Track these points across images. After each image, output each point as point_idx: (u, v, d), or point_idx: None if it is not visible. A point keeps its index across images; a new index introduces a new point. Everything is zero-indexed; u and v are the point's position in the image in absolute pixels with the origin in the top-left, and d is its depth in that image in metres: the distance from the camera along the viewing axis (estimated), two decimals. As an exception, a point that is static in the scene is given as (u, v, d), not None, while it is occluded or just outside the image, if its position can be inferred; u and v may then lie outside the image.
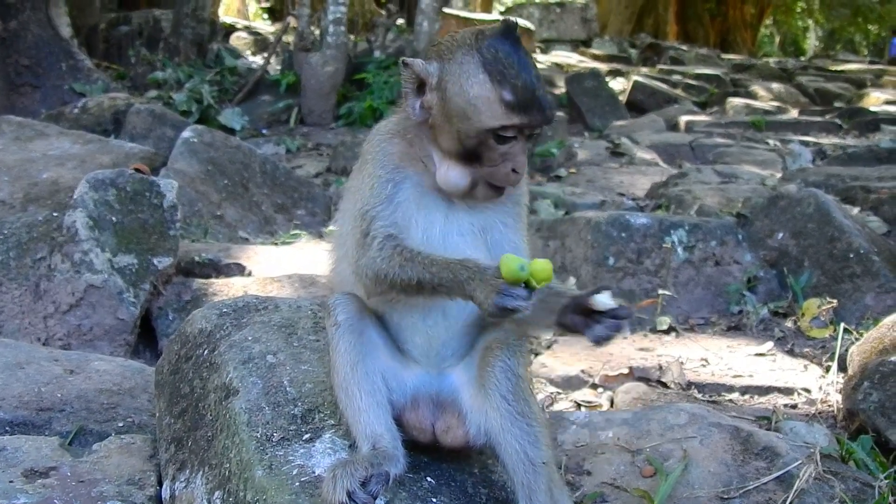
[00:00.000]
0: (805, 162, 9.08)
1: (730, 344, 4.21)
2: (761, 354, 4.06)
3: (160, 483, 2.32)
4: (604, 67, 18.07)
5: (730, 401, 3.56)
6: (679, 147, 10.30)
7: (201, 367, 2.36)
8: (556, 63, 19.07)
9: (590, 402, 3.49)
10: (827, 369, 3.78)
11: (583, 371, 3.75)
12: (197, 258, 4.63)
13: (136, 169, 4.49)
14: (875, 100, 15.53)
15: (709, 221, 5.02)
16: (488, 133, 1.81)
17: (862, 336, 3.67)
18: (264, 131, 10.88)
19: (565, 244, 4.98)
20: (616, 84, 15.82)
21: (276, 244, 5.57)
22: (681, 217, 5.21)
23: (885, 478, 2.55)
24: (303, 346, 2.35)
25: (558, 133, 9.89)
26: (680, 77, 17.17)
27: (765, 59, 27.39)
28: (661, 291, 4.54)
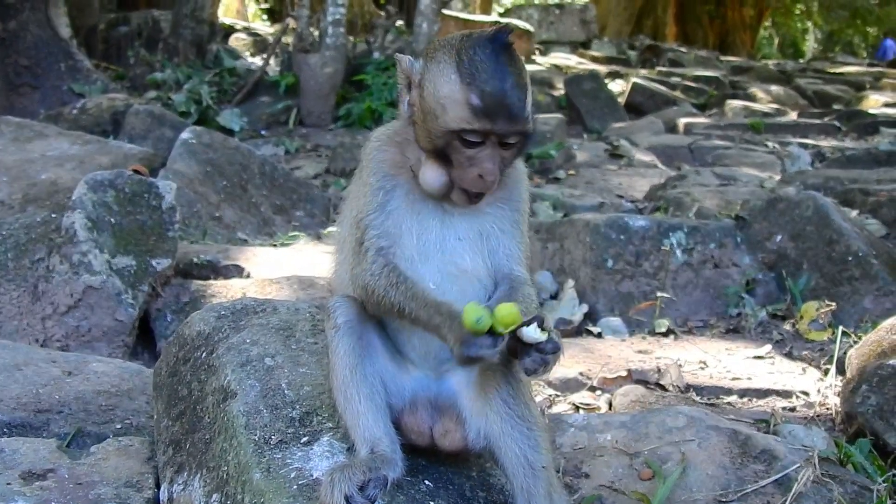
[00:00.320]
0: (804, 164, 9.09)
1: (728, 346, 4.22)
2: (760, 357, 4.06)
3: (158, 485, 2.32)
4: (603, 69, 18.09)
5: (728, 403, 3.56)
6: (678, 149, 10.31)
7: (199, 370, 2.36)
8: (555, 65, 19.07)
9: (588, 405, 3.48)
10: (825, 372, 3.78)
11: (581, 373, 3.75)
12: (195, 259, 4.62)
13: (135, 170, 4.49)
14: (874, 102, 15.56)
15: (707, 224, 5.02)
16: (454, 135, 1.80)
17: (860, 339, 3.67)
18: (263, 132, 10.87)
19: (564, 246, 4.98)
20: (615, 86, 15.83)
21: (275, 246, 5.57)
22: (679, 219, 5.21)
23: (884, 481, 2.55)
24: (301, 349, 2.35)
25: (557, 135, 9.89)
26: (679, 79, 17.18)
27: (764, 62, 27.42)
28: (660, 294, 4.54)
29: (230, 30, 17.56)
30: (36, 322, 3.77)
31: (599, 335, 4.40)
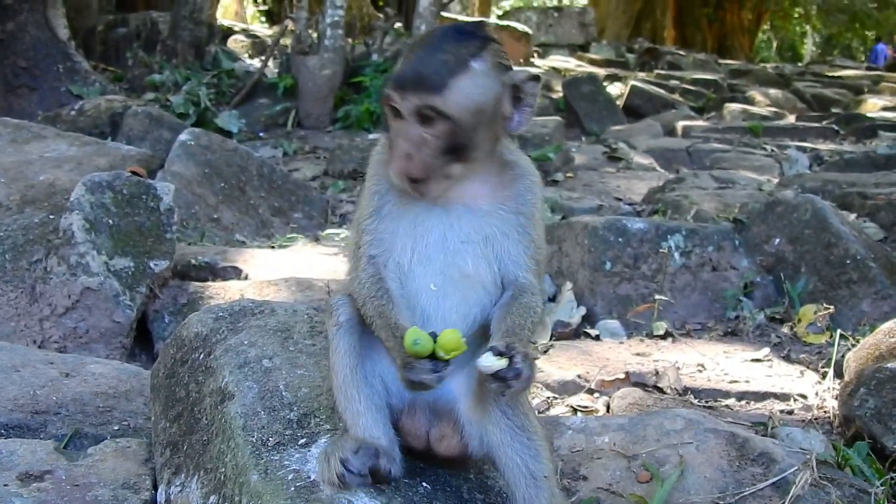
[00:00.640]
0: (802, 168, 9.10)
1: (726, 349, 4.22)
2: (758, 360, 4.06)
3: (155, 487, 2.32)
4: (601, 72, 18.12)
5: (726, 406, 3.56)
6: (676, 152, 10.32)
7: (197, 371, 2.35)
8: (554, 67, 19.11)
9: (586, 407, 3.48)
10: (823, 375, 3.78)
11: (579, 376, 3.74)
12: (193, 261, 4.62)
13: (133, 171, 4.49)
14: (872, 106, 15.60)
15: (706, 227, 5.03)
16: (387, 108, 1.83)
17: (858, 342, 3.67)
18: (261, 134, 10.87)
19: (562, 249, 4.98)
20: (613, 89, 15.86)
21: (273, 247, 5.57)
22: (678, 222, 5.21)
23: (881, 484, 2.55)
24: (299, 351, 2.35)
25: (555, 137, 9.90)
26: (677, 82, 17.21)
27: (762, 65, 27.46)
28: (658, 296, 4.54)
29: (229, 31, 17.55)
30: (33, 323, 3.76)
31: (597, 337, 4.40)
